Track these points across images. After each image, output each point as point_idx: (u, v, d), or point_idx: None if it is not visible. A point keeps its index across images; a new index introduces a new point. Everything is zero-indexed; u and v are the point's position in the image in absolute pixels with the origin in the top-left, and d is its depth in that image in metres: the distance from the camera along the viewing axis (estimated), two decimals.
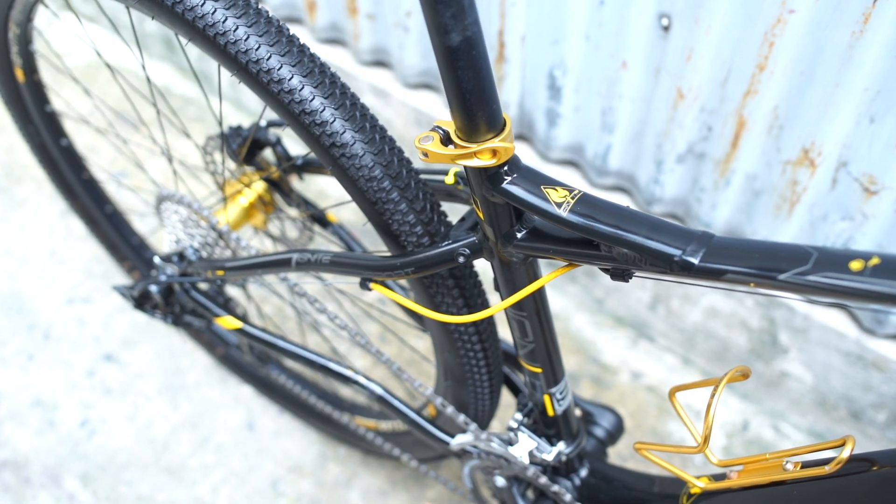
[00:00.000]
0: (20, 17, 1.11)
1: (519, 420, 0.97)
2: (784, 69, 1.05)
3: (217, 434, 1.56)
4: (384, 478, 1.50)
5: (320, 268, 0.90)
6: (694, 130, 1.22)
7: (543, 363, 0.89)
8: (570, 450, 0.97)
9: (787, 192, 1.18)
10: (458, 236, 0.80)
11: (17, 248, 1.82)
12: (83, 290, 1.76)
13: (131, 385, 1.63)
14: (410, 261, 0.81)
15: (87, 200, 1.48)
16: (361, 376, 1.08)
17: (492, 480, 1.05)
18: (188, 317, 1.23)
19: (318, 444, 1.54)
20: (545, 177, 0.71)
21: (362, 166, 0.80)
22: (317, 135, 0.80)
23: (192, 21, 0.80)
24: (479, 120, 0.66)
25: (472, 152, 0.68)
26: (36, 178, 1.95)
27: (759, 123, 1.13)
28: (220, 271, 1.02)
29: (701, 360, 1.59)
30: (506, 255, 0.78)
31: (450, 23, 0.60)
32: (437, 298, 0.88)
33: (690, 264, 0.63)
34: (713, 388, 0.77)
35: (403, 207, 0.82)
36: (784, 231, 1.23)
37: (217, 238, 1.13)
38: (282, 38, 0.80)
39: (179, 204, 1.13)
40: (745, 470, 0.84)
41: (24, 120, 1.34)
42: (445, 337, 0.93)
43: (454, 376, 1.00)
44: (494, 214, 0.74)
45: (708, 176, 1.26)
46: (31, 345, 1.68)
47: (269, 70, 0.79)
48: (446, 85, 0.65)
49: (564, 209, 0.69)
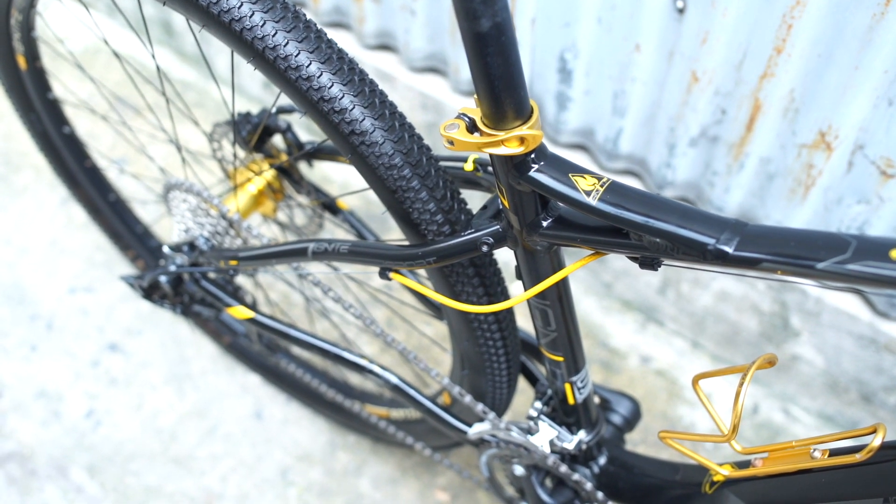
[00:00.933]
0: (23, 3, 1.09)
1: (539, 409, 0.96)
2: (802, 52, 1.04)
3: (224, 423, 1.55)
4: (394, 465, 1.49)
5: (338, 257, 0.88)
6: (707, 114, 1.20)
7: (565, 352, 0.88)
8: (590, 438, 0.97)
9: (802, 176, 1.17)
10: (481, 225, 0.79)
11: (18, 237, 1.80)
12: (85, 279, 1.74)
13: (136, 375, 1.61)
14: (432, 250, 0.80)
15: (90, 189, 1.46)
16: (376, 365, 1.07)
17: (510, 469, 1.05)
18: (197, 306, 1.22)
19: (326, 432, 1.54)
20: (572, 164, 0.70)
21: (382, 154, 0.79)
22: (336, 122, 0.78)
23: (207, 7, 0.78)
24: (506, 107, 0.65)
25: (500, 140, 0.66)
26: (35, 165, 1.93)
27: (775, 107, 1.12)
28: (234, 261, 1.00)
29: (710, 343, 1.58)
30: (530, 244, 0.77)
31: (479, 8, 0.59)
32: (457, 287, 0.87)
33: (725, 253, 0.62)
34: (741, 377, 0.77)
35: (424, 196, 0.81)
36: (798, 215, 1.22)
37: (227, 227, 1.11)
38: (299, 23, 0.78)
39: (189, 192, 1.11)
40: (770, 458, 0.84)
41: (26, 108, 1.31)
42: (465, 326, 0.92)
43: (472, 365, 0.99)
44: (520, 203, 0.73)
45: (721, 160, 1.24)
46: (33, 335, 1.66)
47: (286, 57, 0.77)
48: (474, 71, 0.63)
49: (594, 197, 0.67)
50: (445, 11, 1.40)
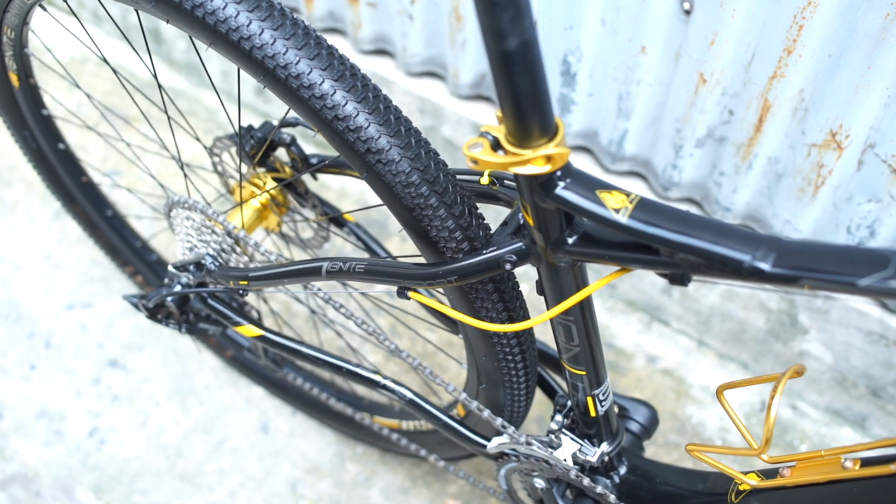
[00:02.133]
0: (15, 20, 1.06)
1: (560, 422, 0.95)
2: (812, 52, 1.03)
3: (231, 437, 1.53)
4: (404, 475, 1.48)
5: (353, 276, 0.87)
6: (715, 115, 1.20)
7: (588, 366, 0.87)
8: (612, 449, 0.96)
9: (812, 175, 1.16)
10: (503, 242, 0.77)
11: (11, 253, 1.77)
12: (82, 294, 1.71)
13: (139, 391, 1.59)
14: (454, 269, 0.78)
15: (87, 205, 1.43)
16: (390, 380, 1.06)
17: (529, 482, 1.03)
18: (203, 324, 1.20)
19: (334, 443, 1.52)
20: (598, 180, 0.69)
21: (399, 172, 0.77)
22: (350, 141, 0.77)
23: (214, 25, 0.76)
24: (532, 125, 0.63)
25: (526, 159, 0.65)
26: (25, 179, 1.89)
27: (784, 107, 1.11)
28: (244, 281, 0.98)
29: (716, 342, 1.58)
30: (554, 261, 0.75)
31: (507, 27, 0.57)
32: (476, 304, 0.85)
33: (761, 271, 0.61)
34: (772, 387, 0.76)
35: (442, 213, 0.79)
36: (807, 213, 1.22)
37: (233, 244, 1.09)
38: (310, 40, 0.76)
39: (192, 210, 1.09)
40: (799, 467, 0.83)
41: (20, 125, 1.28)
42: (485, 343, 0.91)
43: (490, 379, 0.98)
44: (544, 220, 0.72)
45: (729, 160, 1.24)
46: (32, 354, 1.63)
47: (298, 75, 0.75)
48: (500, 90, 0.62)
49: (623, 215, 0.66)
50: (443, 16, 1.38)
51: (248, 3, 0.76)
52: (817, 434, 1.52)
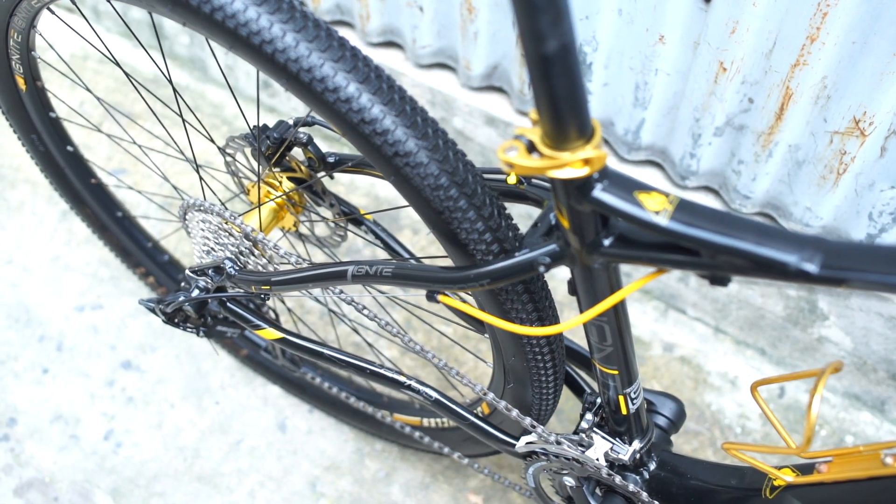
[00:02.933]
0: (22, 23, 1.04)
1: (590, 421, 0.94)
2: (836, 39, 1.01)
3: (248, 437, 1.52)
4: (424, 470, 1.47)
5: (380, 280, 0.85)
6: (734, 103, 1.18)
7: (620, 365, 0.86)
8: (643, 446, 0.95)
9: (835, 163, 1.15)
10: (536, 244, 0.76)
11: (19, 256, 1.75)
12: (92, 295, 1.70)
13: (153, 392, 1.58)
14: (486, 272, 0.77)
15: (96, 206, 1.41)
16: (414, 381, 1.05)
17: (558, 480, 1.03)
18: (221, 327, 1.18)
19: (352, 440, 1.52)
20: (635, 181, 0.67)
21: (428, 175, 0.76)
22: (378, 144, 0.75)
23: (235, 29, 0.74)
24: (569, 128, 0.62)
25: (564, 162, 0.63)
26: (30, 180, 1.87)
27: (806, 95, 1.10)
28: (266, 286, 0.97)
29: (733, 329, 1.57)
30: (589, 262, 0.74)
31: (547, 29, 0.56)
32: (506, 305, 0.84)
33: (807, 272, 0.60)
34: (815, 383, 0.75)
35: (472, 215, 0.78)
36: (828, 200, 1.21)
37: (251, 247, 1.07)
38: (332, 42, 0.75)
39: (208, 213, 1.07)
40: (836, 463, 0.82)
41: (27, 129, 1.26)
42: (515, 344, 0.90)
43: (518, 378, 0.97)
44: (579, 222, 0.70)
45: (748, 148, 1.22)
46: (44, 357, 1.62)
47: (323, 78, 0.74)
48: (537, 93, 0.60)
49: (664, 217, 0.65)
50: (454, 7, 1.36)
51: (269, 5, 0.74)
52: (836, 419, 1.52)
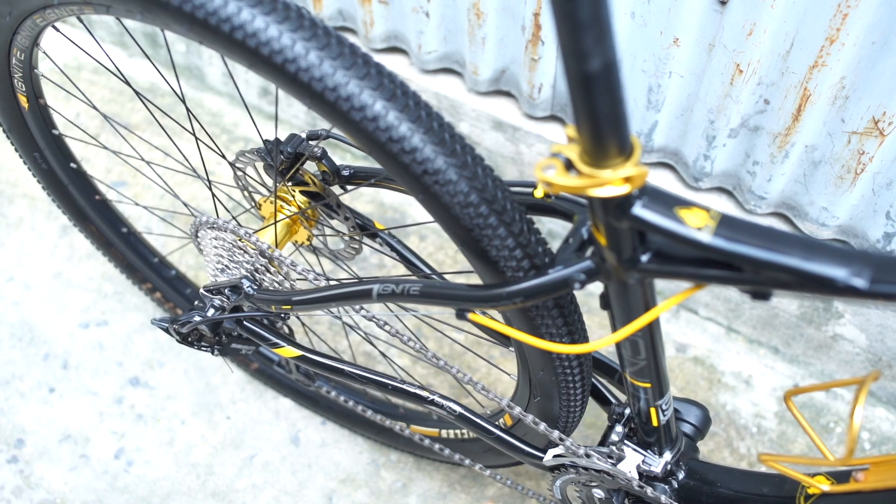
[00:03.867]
0: (26, 41, 1.01)
1: (620, 433, 0.93)
2: (856, 40, 1.00)
3: (261, 452, 1.50)
4: (441, 480, 1.46)
5: (407, 299, 0.84)
6: (750, 104, 1.17)
7: (653, 378, 0.85)
8: (673, 457, 0.94)
9: (852, 163, 1.14)
10: (570, 260, 0.74)
11: (20, 272, 1.72)
12: (96, 312, 1.67)
13: (163, 408, 1.56)
14: (520, 290, 0.75)
15: (101, 223, 1.38)
16: (437, 395, 1.03)
17: (587, 492, 1.02)
18: (236, 344, 1.17)
19: (367, 451, 1.50)
20: (674, 197, 0.66)
21: (458, 192, 0.74)
22: (406, 163, 0.73)
23: (256, 48, 0.72)
24: (610, 145, 0.60)
25: (605, 181, 0.62)
26: (28, 195, 1.84)
27: (824, 95, 1.09)
28: (287, 305, 0.95)
29: (746, 328, 1.56)
30: (625, 278, 0.73)
31: (591, 47, 0.54)
32: (536, 321, 0.83)
33: (856, 288, 0.58)
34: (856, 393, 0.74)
35: (502, 232, 0.76)
36: (845, 200, 1.20)
37: (267, 263, 1.06)
38: (357, 59, 0.73)
39: (222, 230, 1.05)
40: (873, 471, 0.82)
41: (29, 147, 1.23)
42: (543, 359, 0.88)
43: (545, 392, 0.96)
44: (616, 239, 0.69)
45: (763, 149, 1.21)
46: (49, 376, 1.60)
47: (348, 96, 0.72)
48: (578, 111, 0.59)
49: (707, 233, 0.64)
50: (462, 12, 1.34)
51: (291, 23, 0.72)
52: None
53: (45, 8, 0.90)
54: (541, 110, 1.41)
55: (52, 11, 0.90)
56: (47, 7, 0.90)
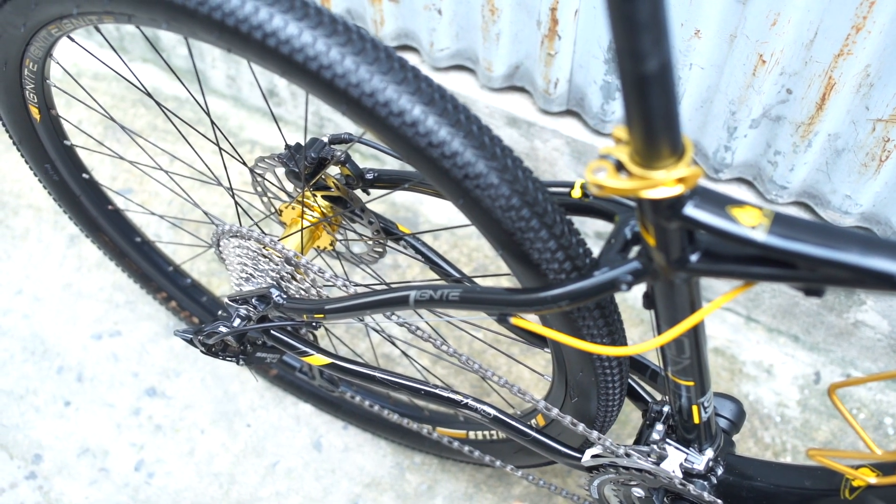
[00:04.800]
0: (39, 52, 0.99)
1: (661, 432, 0.92)
2: (882, 27, 0.99)
3: (284, 458, 1.49)
4: (467, 481, 1.45)
5: (446, 305, 0.82)
6: (772, 94, 1.16)
7: (696, 377, 0.84)
8: (715, 453, 0.93)
9: (877, 150, 1.13)
10: (615, 261, 0.73)
11: (29, 285, 1.70)
12: (109, 322, 1.65)
13: (182, 418, 1.54)
14: (566, 293, 0.74)
15: (114, 233, 1.36)
16: (471, 399, 1.02)
17: (625, 491, 1.01)
18: (261, 353, 1.15)
19: (391, 454, 1.49)
20: (726, 196, 0.65)
21: (499, 196, 0.73)
22: (447, 168, 0.72)
23: (289, 55, 0.70)
24: (662, 146, 0.59)
25: (658, 182, 0.61)
26: (33, 206, 1.81)
27: (849, 84, 1.08)
28: (319, 314, 0.93)
29: (765, 317, 1.56)
30: (673, 278, 0.72)
31: (648, 48, 0.53)
32: (578, 323, 0.82)
33: None
34: None
35: (544, 234, 0.75)
36: (868, 187, 1.19)
37: (293, 271, 1.04)
38: (393, 63, 0.71)
39: (246, 239, 1.04)
40: None
41: (41, 159, 1.21)
42: (583, 360, 0.87)
43: (583, 393, 0.95)
44: (665, 240, 0.68)
45: (786, 139, 1.20)
46: (64, 389, 1.58)
47: (386, 102, 0.70)
48: (632, 112, 0.58)
49: (761, 232, 0.63)
50: (475, 8, 1.32)
51: (325, 28, 0.70)
52: (874, 401, 1.51)
53: (62, 18, 0.88)
54: (556, 105, 1.39)
55: (69, 21, 0.88)
56: (64, 17, 0.87)
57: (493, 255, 1.71)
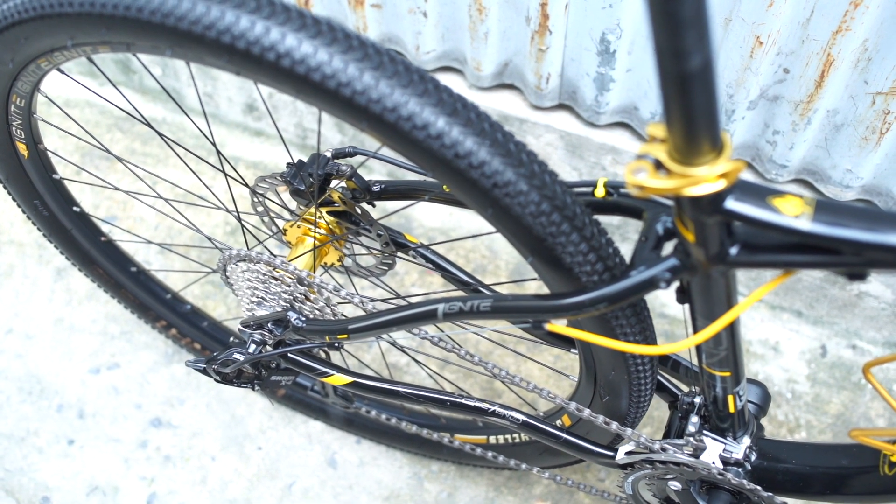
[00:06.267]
0: (27, 87, 0.95)
1: (697, 424, 0.92)
2: (879, 2, 1.00)
3: (299, 479, 1.47)
4: (486, 485, 1.44)
5: (477, 316, 0.81)
6: (769, 75, 1.16)
7: (731, 367, 0.83)
8: (751, 440, 0.93)
9: (877, 123, 1.14)
10: (651, 259, 0.72)
11: (18, 323, 1.64)
12: (105, 355, 1.61)
13: (191, 447, 1.51)
14: (604, 295, 0.73)
15: (108, 265, 1.32)
16: (498, 406, 1.01)
17: (660, 485, 1.00)
18: (276, 376, 1.13)
19: (407, 465, 1.47)
20: (765, 187, 0.64)
21: (529, 203, 0.72)
22: (474, 178, 0.71)
23: (306, 74, 0.68)
24: (703, 142, 0.59)
25: (700, 179, 0.60)
26: (14, 241, 1.76)
27: (847, 60, 1.08)
28: (343, 335, 0.91)
29: (768, 294, 1.57)
30: (711, 272, 0.71)
31: (692, 45, 0.52)
32: (612, 323, 0.81)
33: None
34: None
35: (575, 238, 0.74)
36: (869, 160, 1.20)
37: (306, 291, 1.02)
38: (412, 75, 0.69)
39: (255, 262, 1.01)
40: None
41: (29, 195, 1.17)
42: (616, 360, 0.87)
43: (613, 391, 0.94)
44: (704, 234, 0.67)
45: (784, 118, 1.20)
46: (66, 427, 1.53)
47: (409, 116, 0.68)
48: (673, 110, 0.57)
49: (805, 220, 0.62)
50: (461, 9, 1.30)
51: (340, 45, 0.68)
52: (881, 370, 1.53)
53: (53, 51, 0.84)
54: (548, 100, 1.38)
55: (61, 54, 0.85)
56: (56, 50, 0.84)
57: (491, 255, 1.70)
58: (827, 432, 1.47)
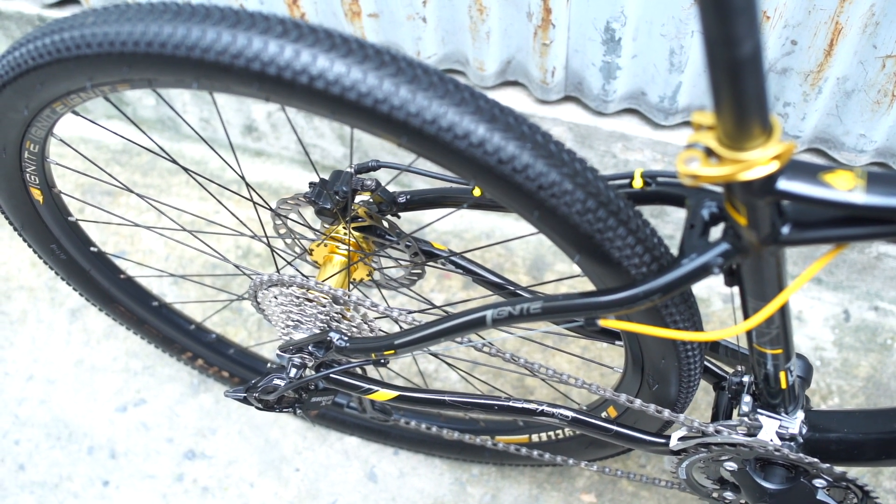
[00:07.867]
0: (41, 132, 0.94)
1: (749, 403, 0.92)
2: None
3: (341, 496, 1.46)
4: (528, 483, 1.44)
5: (528, 320, 0.80)
6: (777, 48, 1.16)
7: (783, 344, 0.83)
8: (805, 413, 0.94)
9: (889, 86, 1.14)
10: (701, 246, 0.72)
11: (38, 369, 1.63)
12: (130, 392, 1.59)
13: (228, 475, 1.50)
14: (658, 286, 0.73)
15: (129, 302, 1.31)
16: (546, 405, 1.01)
17: (714, 467, 1.00)
18: (316, 398, 1.12)
19: (448, 471, 1.47)
20: (814, 164, 0.64)
21: (575, 201, 0.71)
22: (518, 182, 0.70)
23: (341, 95, 0.67)
24: (754, 126, 0.59)
25: (753, 162, 0.60)
26: (24, 286, 1.74)
27: (855, 26, 1.08)
28: (389, 350, 0.91)
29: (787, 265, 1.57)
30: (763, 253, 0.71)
31: (744, 32, 0.52)
32: (662, 311, 0.81)
33: None
34: None
35: (622, 232, 0.74)
36: (882, 124, 1.20)
37: (342, 310, 1.01)
38: (447, 85, 0.69)
39: (287, 286, 1.00)
40: None
41: (45, 240, 1.16)
42: (667, 348, 0.86)
43: (662, 379, 0.94)
44: (755, 216, 0.67)
45: (795, 90, 1.20)
46: (99, 469, 1.52)
47: (450, 126, 0.68)
48: (723, 96, 0.57)
49: (860, 193, 0.62)
50: (461, 11, 1.30)
51: (372, 62, 0.67)
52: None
53: (69, 94, 0.83)
54: (554, 93, 1.38)
55: (77, 96, 0.83)
56: (73, 92, 0.83)
57: (507, 254, 1.69)
58: (859, 395, 1.48)
